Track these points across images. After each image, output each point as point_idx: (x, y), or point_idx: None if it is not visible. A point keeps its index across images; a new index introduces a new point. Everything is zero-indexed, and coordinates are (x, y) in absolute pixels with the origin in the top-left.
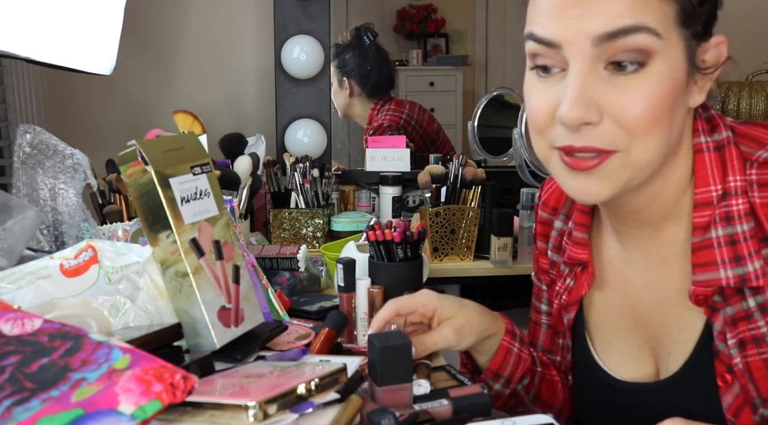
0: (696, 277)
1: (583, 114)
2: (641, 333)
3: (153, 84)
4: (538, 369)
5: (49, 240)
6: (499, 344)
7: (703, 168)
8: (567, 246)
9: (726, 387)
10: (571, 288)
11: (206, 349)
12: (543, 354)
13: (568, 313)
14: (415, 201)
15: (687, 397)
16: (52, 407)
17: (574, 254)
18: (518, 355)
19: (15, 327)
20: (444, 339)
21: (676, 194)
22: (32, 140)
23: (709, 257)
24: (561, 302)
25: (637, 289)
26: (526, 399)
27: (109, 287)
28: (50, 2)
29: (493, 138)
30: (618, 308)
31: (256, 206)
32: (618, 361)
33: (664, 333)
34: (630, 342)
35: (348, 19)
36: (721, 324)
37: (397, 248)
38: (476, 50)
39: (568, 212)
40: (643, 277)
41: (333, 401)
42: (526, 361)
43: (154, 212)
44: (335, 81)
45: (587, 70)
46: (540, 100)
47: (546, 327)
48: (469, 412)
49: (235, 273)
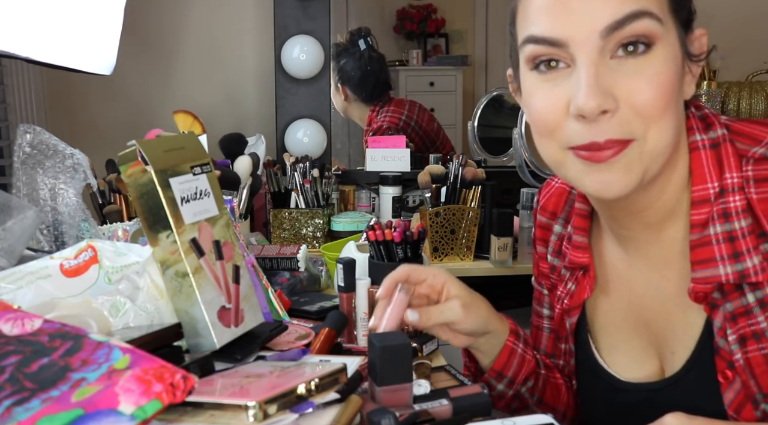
0: (695, 274)
1: (602, 102)
2: (646, 333)
3: (153, 84)
4: (542, 371)
5: (49, 240)
6: (504, 344)
7: (699, 166)
8: (567, 251)
9: (727, 383)
10: (572, 292)
11: (206, 349)
12: (546, 357)
13: (570, 317)
14: (415, 201)
15: (690, 395)
16: (52, 407)
17: (574, 258)
18: (522, 356)
19: (15, 327)
20: (450, 310)
21: (676, 192)
22: (32, 140)
23: (708, 254)
24: (563, 307)
25: (639, 290)
26: (530, 402)
27: (109, 287)
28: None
29: (493, 138)
30: (621, 311)
31: (256, 206)
32: (623, 362)
33: (668, 332)
34: (634, 343)
35: (348, 19)
36: (721, 320)
37: (397, 248)
38: (476, 50)
39: (566, 216)
40: (645, 278)
41: (333, 401)
42: (530, 363)
43: (154, 212)
44: (333, 83)
45: (597, 61)
46: (546, 99)
47: (548, 331)
48: (469, 412)
49: (235, 273)
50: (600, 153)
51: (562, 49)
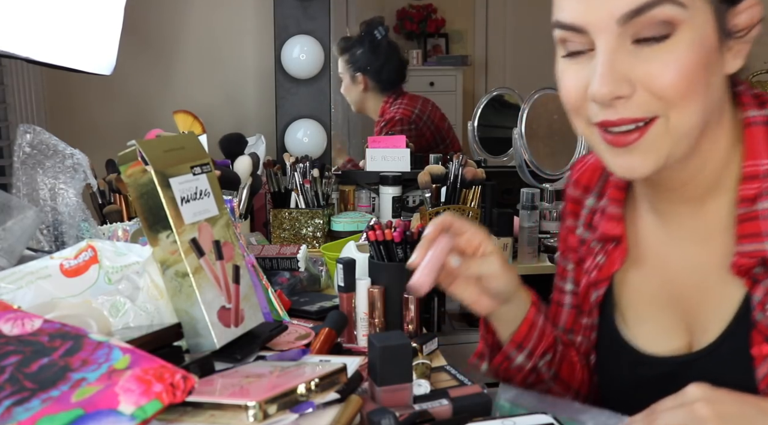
0: (740, 248)
1: (614, 88)
2: (677, 308)
3: (153, 84)
4: (559, 347)
5: (49, 240)
6: (525, 315)
7: (753, 141)
8: (599, 223)
9: (762, 357)
10: (601, 265)
11: (206, 349)
12: (564, 334)
13: (597, 290)
14: (415, 201)
15: (720, 368)
16: (52, 407)
17: (608, 229)
18: (542, 329)
19: (15, 327)
20: (489, 263)
21: (718, 168)
22: (32, 140)
23: (755, 228)
24: (590, 280)
25: (675, 265)
26: (547, 377)
27: (109, 287)
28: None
29: (493, 138)
30: (653, 284)
31: (256, 206)
32: (649, 336)
33: (701, 307)
34: (663, 318)
35: (348, 19)
36: (762, 294)
37: (397, 248)
38: (476, 50)
39: (600, 189)
40: (682, 252)
41: (333, 401)
42: (549, 336)
43: (154, 212)
44: (347, 76)
45: (614, 47)
46: (571, 80)
47: (569, 307)
48: (469, 412)
49: (235, 273)
50: (620, 137)
51: (584, 34)
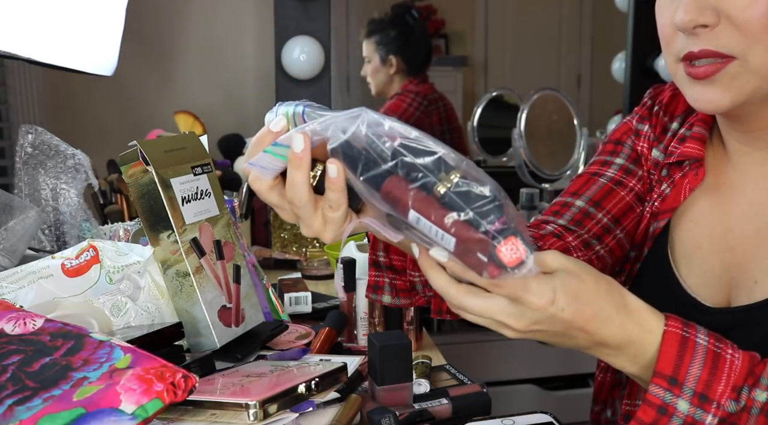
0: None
1: (696, 16)
2: (726, 258)
3: (154, 84)
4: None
5: (50, 240)
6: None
7: None
8: (677, 150)
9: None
10: (666, 196)
11: (207, 348)
12: (578, 213)
13: (657, 222)
14: None
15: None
16: (53, 406)
17: (688, 150)
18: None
19: (17, 327)
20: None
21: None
22: (34, 140)
23: None
24: (652, 209)
25: (738, 211)
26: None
27: (111, 287)
28: (52, 3)
29: (493, 138)
30: (708, 227)
31: (256, 206)
32: (693, 281)
33: (755, 259)
34: (710, 266)
35: (348, 20)
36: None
37: None
38: (476, 50)
39: (685, 116)
40: (748, 199)
41: (333, 400)
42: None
43: (155, 212)
44: (376, 58)
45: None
46: (664, 12)
47: (607, 180)
48: (468, 411)
49: (235, 273)
50: (699, 69)
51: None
